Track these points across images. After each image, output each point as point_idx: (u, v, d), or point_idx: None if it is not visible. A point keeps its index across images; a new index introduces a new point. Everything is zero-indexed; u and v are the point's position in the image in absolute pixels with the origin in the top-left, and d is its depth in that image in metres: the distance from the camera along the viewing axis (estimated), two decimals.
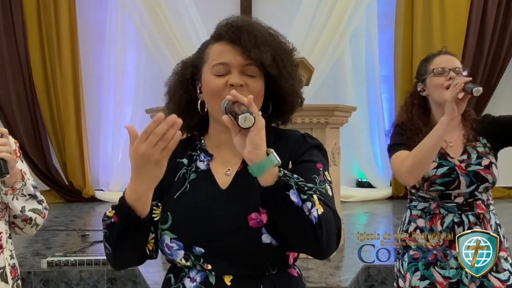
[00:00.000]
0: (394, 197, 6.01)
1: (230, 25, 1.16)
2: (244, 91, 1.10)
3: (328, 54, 5.85)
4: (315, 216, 1.01)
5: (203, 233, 1.10)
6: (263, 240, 1.08)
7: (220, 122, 1.13)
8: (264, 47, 1.12)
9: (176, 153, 1.22)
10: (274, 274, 1.13)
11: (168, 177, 1.19)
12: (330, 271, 2.96)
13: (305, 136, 1.21)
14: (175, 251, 1.12)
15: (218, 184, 1.17)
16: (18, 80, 5.79)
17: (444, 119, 1.71)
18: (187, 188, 1.18)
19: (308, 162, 1.15)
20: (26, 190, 1.60)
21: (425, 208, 1.88)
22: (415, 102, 1.94)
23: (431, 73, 1.88)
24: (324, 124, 3.23)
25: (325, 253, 1.08)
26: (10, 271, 1.63)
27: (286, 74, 1.17)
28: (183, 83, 1.22)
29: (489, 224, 1.83)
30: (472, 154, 1.85)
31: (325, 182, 1.13)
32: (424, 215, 1.88)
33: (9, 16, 5.75)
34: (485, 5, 5.83)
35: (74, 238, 3.93)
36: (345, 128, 3.98)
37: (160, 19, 5.83)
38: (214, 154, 1.21)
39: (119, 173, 6.05)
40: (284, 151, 1.13)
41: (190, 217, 1.12)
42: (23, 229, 1.67)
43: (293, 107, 1.23)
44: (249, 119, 0.97)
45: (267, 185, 1.00)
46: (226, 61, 1.14)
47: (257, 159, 1.00)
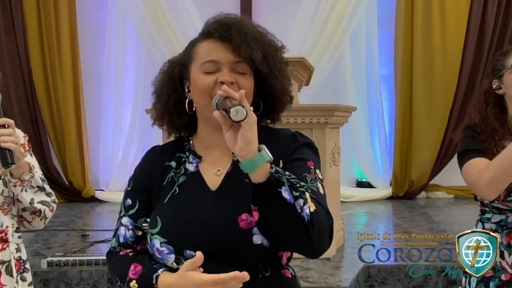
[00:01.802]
0: (394, 197, 6.01)
1: (219, 22, 1.15)
2: (234, 89, 1.09)
3: (328, 54, 5.85)
4: (307, 214, 1.00)
5: (193, 236, 1.08)
6: (254, 241, 1.06)
7: (209, 122, 1.13)
8: (254, 44, 1.12)
9: (165, 157, 1.22)
10: (267, 276, 1.11)
11: (157, 181, 1.19)
12: (330, 271, 2.95)
13: (295, 134, 1.20)
14: (165, 255, 1.11)
15: (207, 186, 1.15)
16: (18, 80, 5.79)
17: None
18: (176, 191, 1.16)
19: (299, 160, 1.14)
20: (35, 182, 1.61)
21: (502, 221, 1.66)
22: (490, 100, 1.74)
23: (509, 69, 1.68)
24: (324, 124, 3.22)
25: (317, 252, 1.06)
26: (15, 264, 1.64)
27: (276, 72, 1.16)
28: (171, 82, 1.21)
29: None
30: None
31: (317, 180, 1.11)
32: (500, 229, 1.66)
33: (9, 16, 5.75)
34: (485, 5, 5.83)
35: (74, 238, 3.92)
36: (345, 128, 3.98)
37: (160, 19, 5.83)
38: (203, 156, 1.20)
39: (119, 173, 6.05)
40: (275, 149, 1.11)
41: (180, 221, 1.11)
42: (32, 223, 1.67)
43: (283, 105, 1.22)
44: (241, 112, 0.96)
45: (258, 181, 0.99)
46: (216, 58, 1.13)
47: (248, 155, 0.98)
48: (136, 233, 1.20)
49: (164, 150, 1.25)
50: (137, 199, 1.21)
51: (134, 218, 1.20)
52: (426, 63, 5.80)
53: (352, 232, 3.77)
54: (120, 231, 1.21)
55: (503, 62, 1.72)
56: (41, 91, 5.88)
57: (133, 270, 1.12)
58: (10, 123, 1.54)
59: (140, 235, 1.20)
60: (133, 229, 1.20)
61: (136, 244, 1.20)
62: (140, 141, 6.06)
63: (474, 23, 5.82)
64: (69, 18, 5.87)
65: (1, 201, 1.61)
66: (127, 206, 1.21)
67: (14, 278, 1.62)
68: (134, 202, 1.21)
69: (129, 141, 6.08)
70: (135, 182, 1.23)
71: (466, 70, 5.79)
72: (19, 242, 1.68)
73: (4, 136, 1.48)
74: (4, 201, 1.61)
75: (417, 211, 5.17)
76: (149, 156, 1.26)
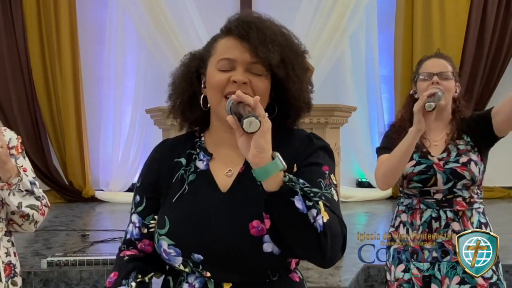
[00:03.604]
0: (394, 197, 5.99)
1: (240, 20, 1.12)
2: (247, 89, 1.07)
3: (328, 54, 5.85)
4: (320, 224, 0.97)
5: (201, 240, 1.07)
6: (264, 249, 1.04)
7: (221, 119, 1.09)
8: (272, 46, 1.08)
9: (174, 152, 1.20)
10: (275, 280, 1.10)
11: (165, 177, 1.17)
12: (330, 271, 2.95)
13: (311, 136, 1.17)
14: (173, 257, 1.10)
15: (218, 187, 1.12)
16: (18, 80, 5.79)
17: (412, 130, 1.77)
18: (186, 190, 1.14)
19: (314, 165, 1.10)
20: (23, 186, 1.59)
21: (409, 204, 1.95)
22: (410, 103, 1.97)
23: (419, 77, 1.93)
24: (324, 124, 3.23)
25: (329, 262, 1.04)
26: (5, 268, 1.61)
27: (294, 77, 1.13)
28: (188, 76, 1.19)
29: (469, 222, 1.86)
30: (452, 152, 1.89)
31: (331, 186, 1.08)
32: (407, 210, 1.96)
33: (9, 16, 5.75)
34: (485, 5, 5.83)
35: (74, 238, 3.92)
36: (345, 128, 3.99)
37: (160, 19, 5.82)
38: (214, 154, 1.17)
39: (119, 173, 6.05)
40: (289, 152, 1.09)
41: (188, 224, 1.09)
42: (22, 226, 1.65)
43: (299, 112, 1.19)
44: (254, 123, 0.92)
45: (271, 190, 0.96)
46: (232, 56, 1.10)
47: (261, 163, 0.95)
48: (142, 230, 1.19)
49: (173, 145, 1.23)
50: (144, 196, 1.19)
51: (142, 216, 1.19)
52: None
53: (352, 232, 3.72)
54: (129, 228, 1.21)
55: (418, 70, 1.96)
56: (41, 91, 5.88)
57: (110, 278, 1.15)
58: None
59: (145, 233, 1.19)
60: (139, 226, 1.19)
61: (138, 241, 1.19)
62: (140, 141, 6.06)
63: (474, 23, 5.81)
64: (69, 18, 5.88)
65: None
66: (136, 203, 1.21)
67: (3, 282, 1.59)
68: (142, 199, 1.20)
69: (129, 141, 6.08)
70: (143, 178, 1.22)
71: (465, 70, 5.78)
72: (8, 246, 1.65)
73: None
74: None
75: None
76: (158, 151, 1.24)
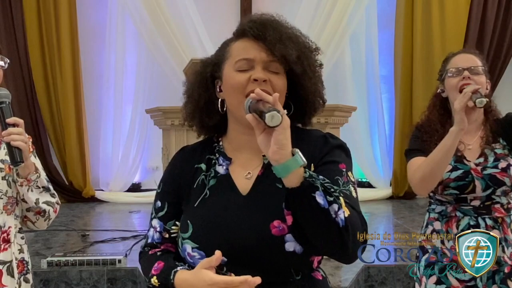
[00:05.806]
0: (394, 197, 6.01)
1: (254, 21, 1.15)
2: (267, 87, 1.09)
3: (328, 54, 5.84)
4: (341, 219, 0.98)
5: (225, 242, 1.08)
6: (287, 248, 1.05)
7: (240, 121, 1.11)
8: (289, 44, 1.11)
9: (194, 158, 1.22)
10: (298, 279, 1.11)
11: (186, 183, 1.19)
12: (330, 271, 2.95)
13: (326, 136, 1.19)
14: (197, 260, 1.10)
15: (238, 190, 1.14)
16: (18, 80, 5.79)
17: (453, 130, 1.65)
18: (207, 194, 1.16)
19: (331, 163, 1.12)
20: (40, 182, 1.62)
21: (442, 211, 1.83)
22: (437, 103, 1.89)
23: (447, 73, 1.82)
24: (324, 124, 3.23)
25: (352, 257, 1.05)
26: (17, 265, 1.63)
27: (310, 73, 1.15)
28: (203, 82, 1.20)
29: (509, 229, 1.76)
30: (489, 157, 1.78)
31: (349, 183, 1.10)
32: (441, 218, 1.83)
33: (9, 16, 5.76)
34: (485, 5, 5.83)
35: (74, 238, 3.93)
36: (345, 128, 3.99)
37: (160, 19, 5.82)
38: (233, 158, 1.19)
39: (119, 173, 6.06)
40: (306, 152, 1.08)
41: (211, 226, 1.10)
42: (35, 223, 1.68)
43: (315, 108, 1.21)
44: (276, 117, 0.94)
45: (292, 186, 0.98)
46: (250, 56, 1.12)
47: (282, 160, 0.96)
48: (163, 235, 1.21)
49: (193, 151, 1.25)
50: (166, 202, 1.21)
51: (163, 221, 1.21)
52: (426, 63, 5.79)
53: None
54: (150, 232, 1.23)
55: (444, 67, 1.86)
56: (41, 91, 5.88)
57: (155, 267, 1.15)
58: (20, 122, 1.55)
59: (166, 237, 1.21)
60: (161, 231, 1.21)
61: (161, 245, 1.22)
62: (140, 141, 6.06)
63: (474, 23, 5.82)
64: (69, 18, 5.88)
65: (5, 201, 1.60)
66: (157, 208, 1.23)
67: (15, 279, 1.61)
68: (163, 205, 1.22)
69: (129, 141, 6.08)
70: (164, 184, 1.24)
71: None
72: (22, 243, 1.68)
73: (14, 135, 1.49)
74: (8, 202, 1.61)
75: (417, 211, 5.17)
76: (178, 158, 1.26)
